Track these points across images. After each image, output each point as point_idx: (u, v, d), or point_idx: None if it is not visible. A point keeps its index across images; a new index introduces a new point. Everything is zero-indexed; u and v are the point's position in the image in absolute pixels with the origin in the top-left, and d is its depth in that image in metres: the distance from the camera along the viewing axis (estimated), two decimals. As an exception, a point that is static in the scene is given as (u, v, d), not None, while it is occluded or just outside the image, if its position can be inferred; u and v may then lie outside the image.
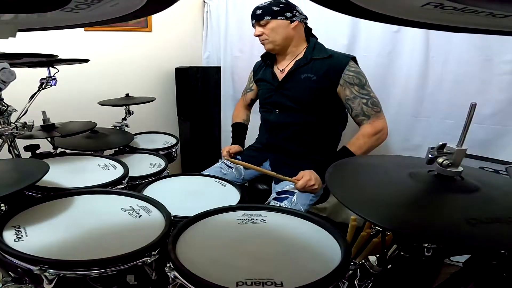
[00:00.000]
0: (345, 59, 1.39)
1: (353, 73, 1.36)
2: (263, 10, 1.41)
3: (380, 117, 1.36)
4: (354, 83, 1.35)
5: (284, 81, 1.48)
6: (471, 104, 0.64)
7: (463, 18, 0.38)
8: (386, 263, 0.73)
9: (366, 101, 1.34)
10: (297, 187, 1.30)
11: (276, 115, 1.54)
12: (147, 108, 2.15)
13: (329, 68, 1.38)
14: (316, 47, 1.46)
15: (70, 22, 0.55)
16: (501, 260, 0.66)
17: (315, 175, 1.32)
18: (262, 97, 1.63)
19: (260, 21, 1.42)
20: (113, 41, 2.27)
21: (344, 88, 1.36)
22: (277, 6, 1.40)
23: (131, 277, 0.75)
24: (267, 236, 0.86)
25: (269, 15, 1.40)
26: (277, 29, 1.42)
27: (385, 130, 1.37)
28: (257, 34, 1.46)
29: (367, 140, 1.33)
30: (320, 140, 1.50)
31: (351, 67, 1.37)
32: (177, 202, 1.09)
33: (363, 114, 1.34)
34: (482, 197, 0.63)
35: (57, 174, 1.16)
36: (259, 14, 1.42)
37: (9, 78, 0.94)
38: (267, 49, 1.51)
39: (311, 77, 1.41)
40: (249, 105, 1.84)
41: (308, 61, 1.43)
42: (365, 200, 0.65)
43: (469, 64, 1.50)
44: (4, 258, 0.71)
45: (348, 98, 1.36)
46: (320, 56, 1.42)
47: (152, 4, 0.43)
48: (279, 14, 1.40)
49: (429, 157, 0.66)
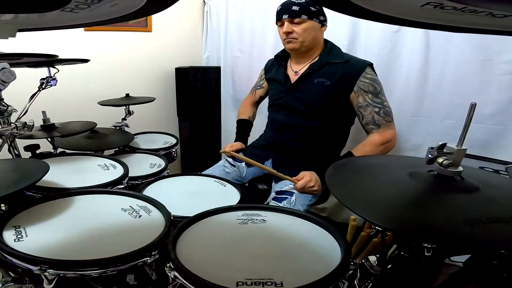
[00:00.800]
0: (362, 65, 1.36)
1: (368, 80, 1.33)
2: (301, 8, 1.35)
3: (391, 127, 1.34)
4: (368, 91, 1.32)
5: (297, 84, 1.46)
6: (471, 104, 0.64)
7: (463, 18, 0.38)
8: (386, 263, 0.73)
9: (379, 110, 1.32)
10: (297, 187, 1.30)
11: (283, 116, 1.52)
12: (147, 108, 2.15)
13: (344, 73, 1.35)
14: (333, 51, 1.44)
15: (70, 22, 0.55)
16: (501, 260, 0.66)
17: (316, 176, 1.31)
18: (272, 97, 1.62)
19: (295, 18, 1.36)
20: (113, 41, 2.27)
21: (358, 95, 1.34)
22: (314, 7, 1.35)
23: (131, 277, 0.75)
24: (267, 236, 0.86)
25: (307, 14, 1.35)
26: (309, 30, 1.37)
27: (394, 140, 1.35)
28: (287, 31, 1.39)
29: (374, 149, 1.31)
30: (326, 143, 1.49)
31: (367, 74, 1.34)
32: (177, 202, 1.09)
33: (373, 123, 1.33)
34: (482, 197, 0.63)
35: (57, 174, 1.16)
36: (295, 10, 1.35)
37: (9, 78, 0.94)
38: (291, 47, 1.44)
39: (324, 82, 1.38)
40: (257, 102, 1.83)
41: (323, 65, 1.40)
42: (365, 200, 0.65)
43: (469, 64, 1.50)
44: (4, 258, 0.71)
45: (361, 105, 1.34)
46: (336, 60, 1.39)
47: (152, 4, 0.43)
48: (315, 16, 1.36)
49: (429, 157, 0.66)
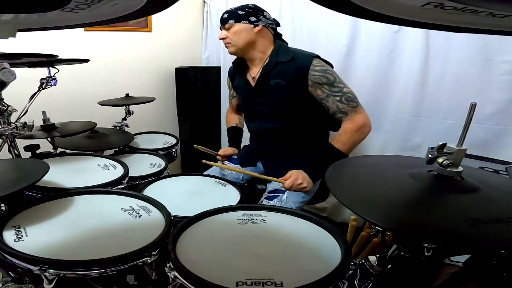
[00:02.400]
0: (308, 59, 1.35)
1: (319, 73, 1.32)
2: (229, 14, 1.41)
3: (359, 111, 1.33)
4: (322, 83, 1.32)
5: (257, 88, 1.47)
6: (471, 104, 0.64)
7: (463, 18, 0.38)
8: (386, 263, 0.73)
9: (340, 98, 1.31)
10: (285, 186, 1.30)
11: (256, 123, 1.54)
12: (147, 108, 2.15)
13: (294, 71, 1.36)
14: (280, 49, 1.43)
15: (70, 22, 0.54)
16: (501, 260, 0.66)
17: (303, 174, 1.31)
18: (241, 105, 1.64)
19: (225, 24, 1.42)
20: (113, 41, 2.28)
21: (315, 88, 1.34)
22: (242, 10, 1.40)
23: (131, 277, 0.75)
24: (267, 236, 0.86)
25: (233, 18, 1.40)
26: (239, 33, 1.40)
27: (367, 123, 1.34)
28: (221, 38, 1.46)
29: (350, 136, 1.31)
30: (305, 139, 1.49)
31: (315, 67, 1.33)
32: (177, 202, 1.09)
33: (340, 112, 1.32)
34: (482, 197, 0.63)
35: (57, 174, 1.16)
36: (225, 18, 1.42)
37: (9, 78, 0.94)
38: (230, 52, 1.49)
39: (280, 82, 1.39)
40: (237, 110, 1.83)
41: (274, 65, 1.40)
42: (365, 200, 0.65)
43: (469, 64, 1.50)
44: (4, 258, 0.71)
45: (321, 97, 1.34)
46: (284, 59, 1.39)
47: (152, 4, 0.43)
48: (242, 18, 1.39)
49: (429, 157, 0.66)
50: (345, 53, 1.85)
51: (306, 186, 1.31)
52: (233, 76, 1.67)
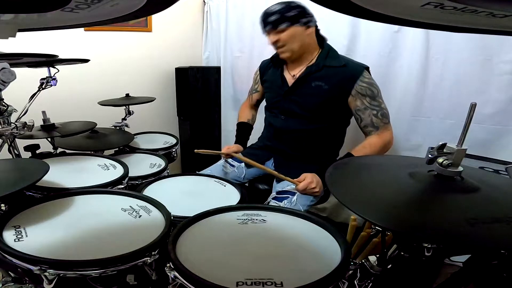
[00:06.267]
0: (360, 69, 1.35)
1: (366, 84, 1.33)
2: (280, 16, 1.32)
3: (388, 128, 1.36)
4: (366, 94, 1.33)
5: (294, 87, 1.45)
6: (471, 104, 0.64)
7: (463, 18, 0.38)
8: (386, 263, 0.73)
9: (377, 112, 1.33)
10: (298, 189, 1.29)
11: (281, 121, 1.51)
12: (147, 108, 2.15)
13: (342, 77, 1.35)
14: (330, 54, 1.42)
15: (70, 22, 0.55)
16: (501, 260, 0.66)
17: (317, 178, 1.30)
18: (269, 101, 1.60)
19: (277, 27, 1.33)
20: (113, 41, 2.27)
21: (356, 98, 1.34)
22: (292, 11, 1.32)
23: (131, 277, 0.75)
24: (267, 236, 0.86)
25: (286, 21, 1.32)
26: (294, 37, 1.34)
27: (391, 141, 1.37)
28: (273, 42, 1.38)
29: (374, 150, 1.32)
30: (324, 145, 1.49)
31: (365, 78, 1.34)
32: (177, 202, 1.09)
33: (372, 126, 1.34)
34: (482, 197, 0.63)
35: (57, 174, 1.16)
36: (274, 20, 1.33)
37: (9, 78, 0.93)
38: (284, 57, 1.43)
39: (322, 85, 1.38)
40: (255, 105, 1.82)
41: (320, 68, 1.39)
42: (365, 200, 0.64)
43: (469, 64, 1.50)
44: (4, 258, 0.71)
45: (359, 109, 1.35)
46: (334, 64, 1.38)
47: (152, 4, 0.43)
48: (296, 20, 1.32)
49: (429, 157, 0.66)
50: (345, 53, 1.85)
51: (318, 191, 1.31)
52: (265, 69, 1.62)
